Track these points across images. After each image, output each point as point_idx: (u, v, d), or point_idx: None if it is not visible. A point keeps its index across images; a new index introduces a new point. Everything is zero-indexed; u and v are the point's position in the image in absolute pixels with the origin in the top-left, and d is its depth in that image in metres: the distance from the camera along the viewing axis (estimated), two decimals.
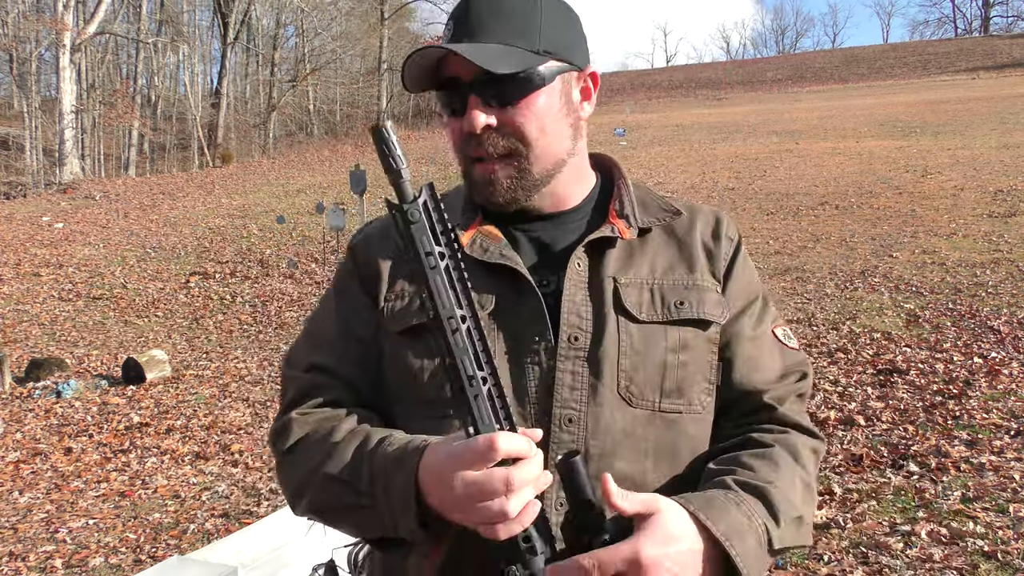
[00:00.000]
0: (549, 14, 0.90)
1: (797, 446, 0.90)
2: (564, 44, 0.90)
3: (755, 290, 1.00)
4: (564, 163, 0.93)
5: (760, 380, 0.94)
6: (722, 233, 0.98)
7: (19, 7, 28.15)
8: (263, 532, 1.75)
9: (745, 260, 1.00)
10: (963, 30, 60.02)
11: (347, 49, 36.50)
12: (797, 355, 0.98)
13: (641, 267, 0.93)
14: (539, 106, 0.88)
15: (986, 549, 3.02)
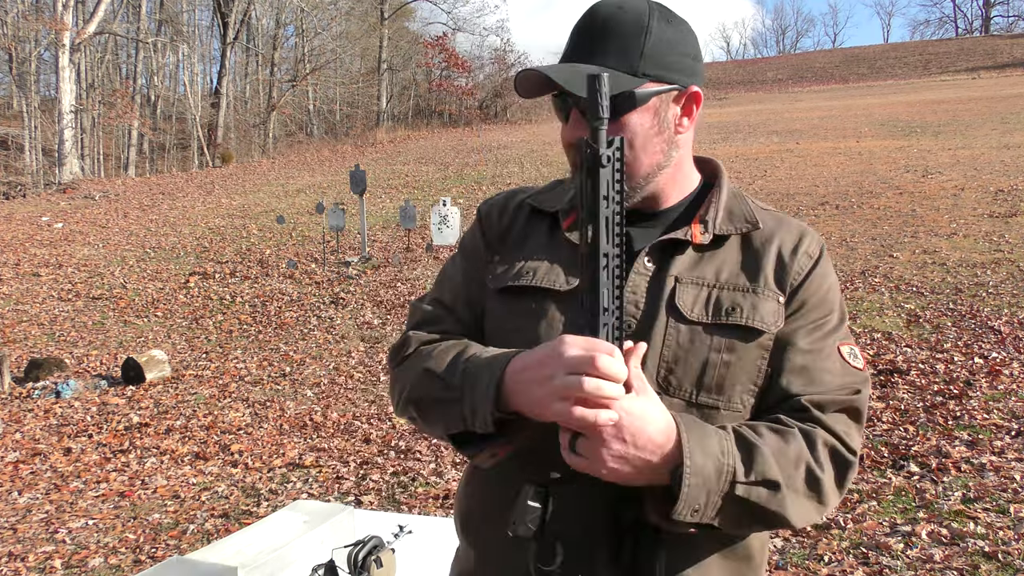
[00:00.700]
0: (656, 36, 0.96)
1: (816, 438, 0.93)
2: (666, 65, 0.97)
3: (827, 307, 1.02)
4: (656, 174, 1.00)
5: (807, 390, 0.97)
6: (801, 249, 1.02)
7: (19, 7, 28.15)
8: (263, 532, 1.74)
9: (823, 277, 1.02)
10: (964, 30, 60.03)
11: (347, 49, 36.49)
12: (858, 374, 0.99)
13: (706, 271, 1.00)
14: (631, 124, 0.96)
15: (987, 550, 3.01)
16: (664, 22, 0.97)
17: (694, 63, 1.01)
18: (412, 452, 4.93)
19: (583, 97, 0.86)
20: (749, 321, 0.96)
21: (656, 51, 0.96)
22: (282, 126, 34.88)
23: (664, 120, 0.99)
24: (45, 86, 32.43)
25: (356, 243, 11.47)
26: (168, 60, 35.12)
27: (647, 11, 0.97)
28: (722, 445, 0.87)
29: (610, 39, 0.96)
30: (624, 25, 0.96)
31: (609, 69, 0.92)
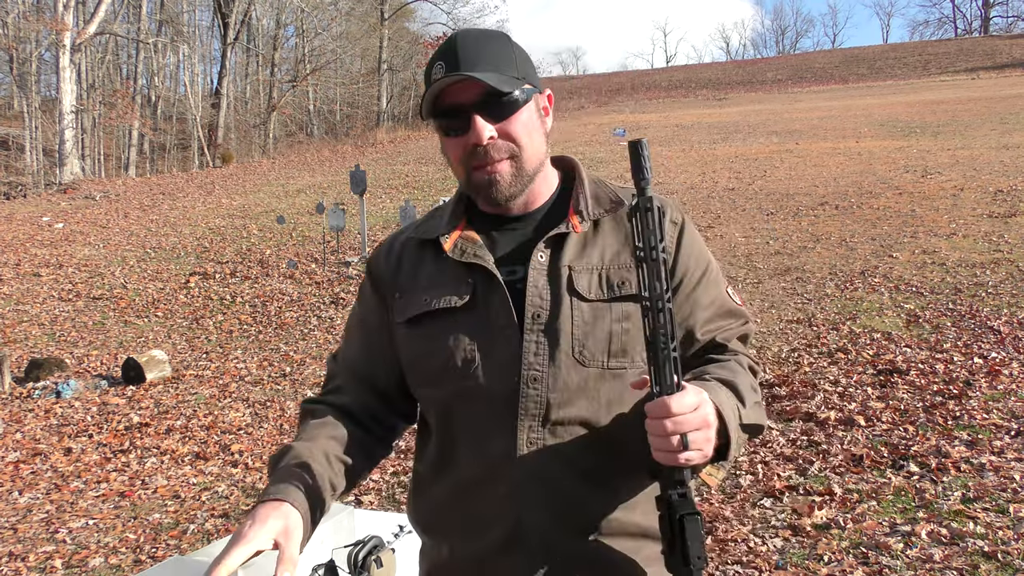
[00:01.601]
0: (517, 51, 1.14)
1: (743, 361, 1.16)
2: (529, 72, 1.14)
3: (704, 261, 1.19)
4: (543, 164, 1.17)
5: (703, 317, 1.16)
6: (666, 219, 1.15)
7: (19, 7, 28.17)
8: None
9: (690, 239, 1.18)
10: (963, 30, 60.01)
11: (347, 49, 36.49)
12: (743, 309, 1.22)
13: (592, 255, 1.13)
14: (524, 119, 1.12)
15: (986, 549, 3.02)
16: (515, 43, 1.15)
17: (537, 74, 1.19)
18: (412, 452, 4.93)
19: (486, 102, 1.07)
20: (633, 290, 1.10)
21: (521, 60, 1.13)
22: (282, 126, 34.88)
23: (541, 116, 1.16)
24: (46, 86, 32.48)
25: (356, 243, 11.48)
26: (168, 60, 35.15)
27: (502, 34, 1.16)
28: (728, 394, 1.06)
29: (488, 54, 1.10)
30: (493, 42, 1.12)
31: (500, 74, 1.09)
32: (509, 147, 1.11)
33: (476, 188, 1.13)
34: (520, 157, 1.11)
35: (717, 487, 3.88)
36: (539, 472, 1.08)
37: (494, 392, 1.09)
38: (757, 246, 9.07)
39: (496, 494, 1.10)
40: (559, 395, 1.08)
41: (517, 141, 1.11)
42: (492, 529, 1.12)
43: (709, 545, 3.30)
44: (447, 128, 1.12)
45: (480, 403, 1.11)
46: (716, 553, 3.23)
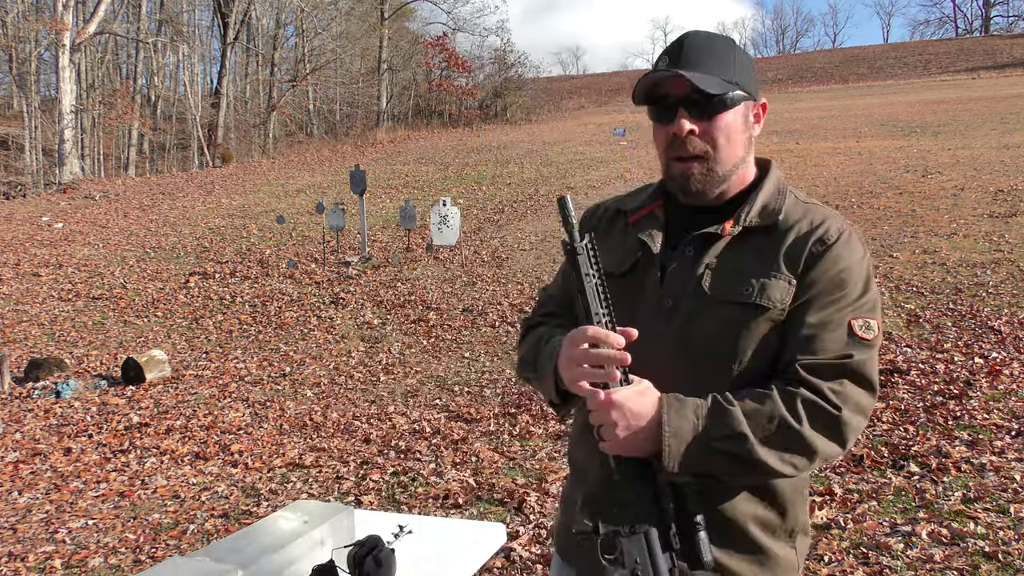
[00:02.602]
0: (739, 56, 1.21)
1: (795, 396, 1.10)
2: (747, 80, 1.21)
3: (842, 286, 1.16)
4: (738, 168, 1.23)
5: (803, 357, 1.13)
6: (814, 236, 1.18)
7: (19, 7, 28.14)
8: (263, 532, 1.74)
9: (836, 260, 1.17)
10: (963, 30, 60.00)
11: (347, 49, 36.46)
12: (860, 343, 1.14)
13: (732, 258, 1.20)
14: (727, 122, 1.19)
15: (987, 550, 3.01)
16: (741, 50, 1.23)
17: (759, 84, 1.26)
18: (412, 452, 4.93)
19: (694, 100, 1.17)
20: (757, 300, 1.15)
21: (740, 67, 1.20)
22: (282, 126, 34.87)
23: (747, 122, 1.23)
24: (45, 86, 32.45)
25: (356, 243, 11.47)
26: (168, 60, 35.13)
27: (729, 39, 1.23)
28: (696, 411, 1.10)
29: (710, 54, 1.19)
30: (718, 45, 1.20)
31: (714, 76, 1.17)
32: (704, 146, 1.19)
33: (671, 178, 1.25)
34: (713, 158, 1.20)
35: None
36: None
37: None
38: None
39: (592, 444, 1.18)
40: (662, 379, 1.16)
41: (714, 141, 1.19)
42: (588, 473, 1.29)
43: None
44: (657, 115, 1.23)
45: None
46: None
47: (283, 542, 1.68)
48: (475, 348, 7.36)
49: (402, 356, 7.42)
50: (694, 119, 1.18)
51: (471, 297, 8.86)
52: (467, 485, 4.24)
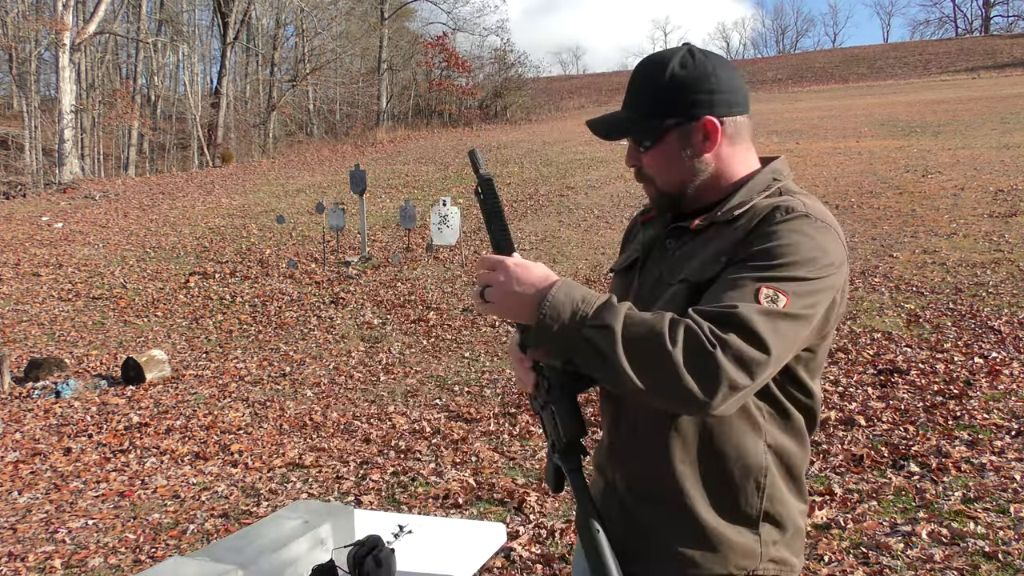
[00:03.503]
0: (675, 78, 1.20)
1: (679, 322, 1.03)
2: (687, 104, 1.20)
3: (767, 256, 1.11)
4: (686, 187, 1.25)
5: (712, 292, 1.12)
6: (766, 216, 1.16)
7: (19, 7, 28.13)
8: (263, 532, 1.74)
9: (772, 235, 1.13)
10: (963, 30, 59.99)
11: (347, 49, 36.44)
12: (755, 305, 1.05)
13: (693, 247, 1.22)
14: (656, 157, 1.23)
15: (987, 550, 3.01)
16: (682, 68, 1.20)
17: (711, 95, 1.21)
18: (412, 452, 4.93)
19: (626, 135, 1.26)
20: (690, 277, 1.18)
21: (675, 95, 1.20)
22: (282, 126, 34.87)
23: (685, 147, 1.22)
24: (45, 86, 32.45)
25: (356, 243, 11.47)
26: (168, 60, 35.12)
27: (669, 62, 1.21)
28: (585, 296, 1.09)
29: (638, 90, 1.24)
30: (649, 73, 1.23)
31: (633, 116, 1.23)
32: (649, 175, 1.27)
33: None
34: (656, 184, 1.27)
35: None
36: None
37: None
38: None
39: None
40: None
41: (650, 174, 1.26)
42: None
43: None
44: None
45: None
46: None
47: (283, 542, 1.68)
48: (475, 348, 7.36)
49: (402, 356, 7.42)
50: (633, 156, 1.27)
51: (471, 297, 8.87)
52: (467, 485, 4.24)
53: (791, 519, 1.27)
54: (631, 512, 1.26)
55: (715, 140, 1.22)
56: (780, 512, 1.24)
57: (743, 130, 1.28)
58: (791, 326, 1.06)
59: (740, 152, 1.27)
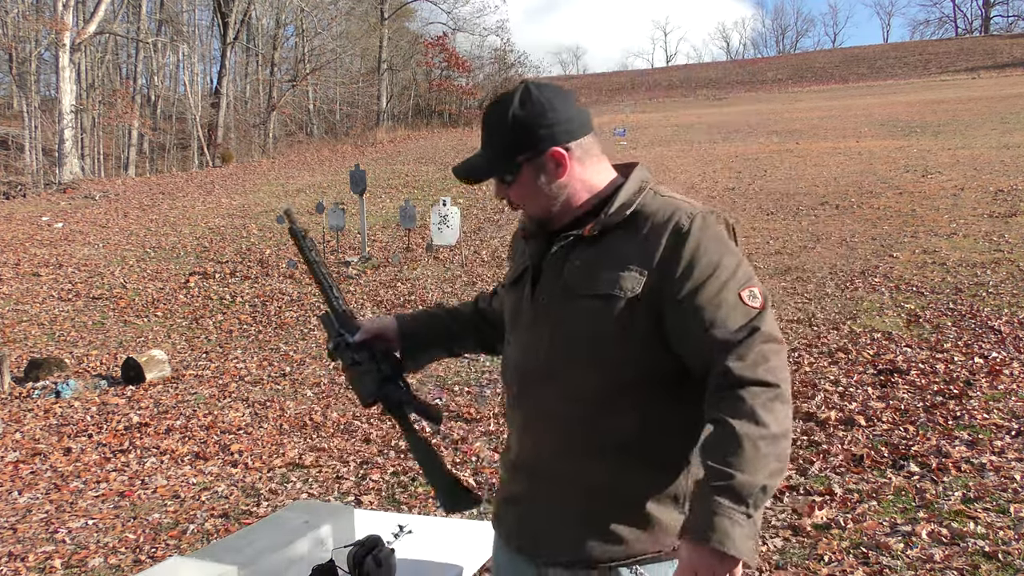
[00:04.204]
0: (516, 124, 1.31)
1: (754, 408, 1.15)
2: (533, 139, 1.31)
3: (712, 265, 1.24)
4: (551, 208, 1.36)
5: (709, 346, 1.21)
6: (670, 227, 1.27)
7: (19, 7, 28.12)
8: (263, 532, 1.74)
9: (696, 244, 1.25)
10: (963, 30, 59.99)
11: (347, 49, 36.45)
12: (753, 311, 1.23)
13: (593, 254, 1.31)
14: (516, 191, 1.36)
15: (987, 550, 3.01)
16: (521, 108, 1.31)
17: (551, 128, 1.31)
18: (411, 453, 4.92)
19: (488, 176, 1.37)
20: (610, 290, 1.26)
21: (521, 134, 1.31)
22: (282, 126, 34.87)
23: (540, 176, 1.34)
24: (45, 86, 32.44)
25: (356, 243, 11.47)
26: (168, 60, 35.13)
27: (510, 105, 1.32)
28: (726, 515, 1.14)
29: (487, 131, 1.35)
30: (495, 117, 1.34)
31: (490, 157, 1.35)
32: (517, 203, 1.39)
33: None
34: (526, 211, 1.40)
35: None
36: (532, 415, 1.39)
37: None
38: (757, 246, 9.06)
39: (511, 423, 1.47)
40: (536, 380, 1.36)
41: (517, 203, 1.39)
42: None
43: None
44: None
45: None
46: None
47: (283, 542, 1.68)
48: None
49: None
50: (500, 188, 1.39)
51: (471, 297, 8.87)
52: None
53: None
54: (556, 505, 1.34)
55: (566, 165, 1.33)
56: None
57: (590, 148, 1.36)
58: (769, 305, 1.26)
59: (592, 167, 1.37)
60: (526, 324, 1.38)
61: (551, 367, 1.32)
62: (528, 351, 1.36)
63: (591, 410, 1.29)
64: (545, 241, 1.39)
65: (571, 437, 1.31)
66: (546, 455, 1.34)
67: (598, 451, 1.29)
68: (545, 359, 1.32)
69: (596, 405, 1.29)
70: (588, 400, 1.29)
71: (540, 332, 1.34)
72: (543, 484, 1.35)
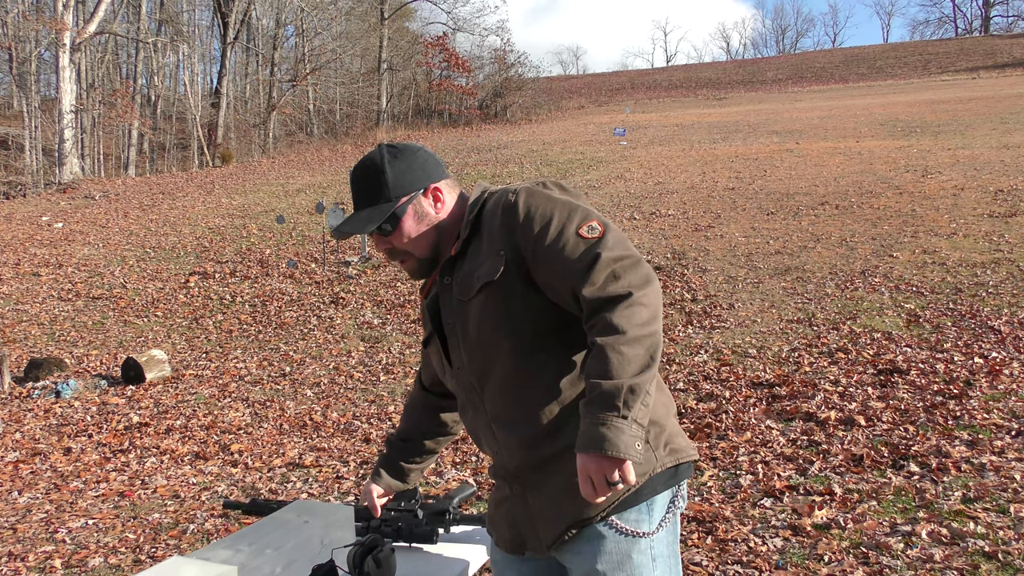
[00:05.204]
0: (393, 170, 1.48)
1: (610, 319, 1.27)
2: (409, 183, 1.49)
3: (544, 219, 1.39)
4: (436, 242, 1.52)
5: (568, 286, 1.34)
6: (499, 209, 1.44)
7: (19, 7, 28.11)
8: (263, 532, 1.74)
9: (524, 210, 1.41)
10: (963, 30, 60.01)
11: (347, 49, 36.43)
12: (591, 240, 1.35)
13: (464, 267, 1.48)
14: (402, 230, 1.49)
15: (987, 549, 3.01)
16: (391, 158, 1.49)
17: (423, 171, 1.51)
18: None
19: (375, 223, 1.46)
20: (485, 280, 1.41)
21: (397, 178, 1.48)
22: (282, 126, 34.86)
23: (421, 215, 1.50)
24: (45, 86, 32.44)
25: (356, 243, 11.47)
26: (168, 60, 35.12)
27: (379, 158, 1.49)
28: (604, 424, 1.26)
29: (364, 191, 1.49)
30: (369, 174, 1.49)
31: (372, 207, 1.47)
32: (402, 250, 1.51)
33: (407, 274, 1.57)
34: (413, 254, 1.51)
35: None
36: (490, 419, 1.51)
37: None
38: (757, 246, 9.06)
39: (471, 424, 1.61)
40: (471, 375, 1.49)
41: (402, 248, 1.50)
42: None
43: (709, 545, 3.30)
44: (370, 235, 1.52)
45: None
46: (716, 553, 3.23)
47: (283, 542, 1.68)
48: None
49: (402, 356, 7.42)
50: (383, 241, 1.50)
51: None
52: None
53: (658, 416, 1.46)
54: (537, 492, 1.46)
55: (442, 199, 1.51)
56: (654, 414, 1.43)
57: (451, 183, 1.55)
58: (617, 232, 1.37)
59: (455, 198, 1.55)
60: (447, 362, 1.54)
61: (481, 368, 1.45)
62: (460, 372, 1.51)
63: (527, 386, 1.42)
64: (436, 289, 1.56)
65: (524, 419, 1.43)
66: (516, 449, 1.45)
67: (550, 420, 1.41)
68: (473, 366, 1.46)
69: (527, 379, 1.42)
70: (520, 378, 1.42)
71: (459, 351, 1.49)
72: (522, 477, 1.47)
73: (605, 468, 1.23)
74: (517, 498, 1.49)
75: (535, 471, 1.45)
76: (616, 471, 1.23)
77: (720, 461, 4.23)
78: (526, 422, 1.43)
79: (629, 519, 1.39)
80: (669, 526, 1.43)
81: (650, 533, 1.39)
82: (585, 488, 1.26)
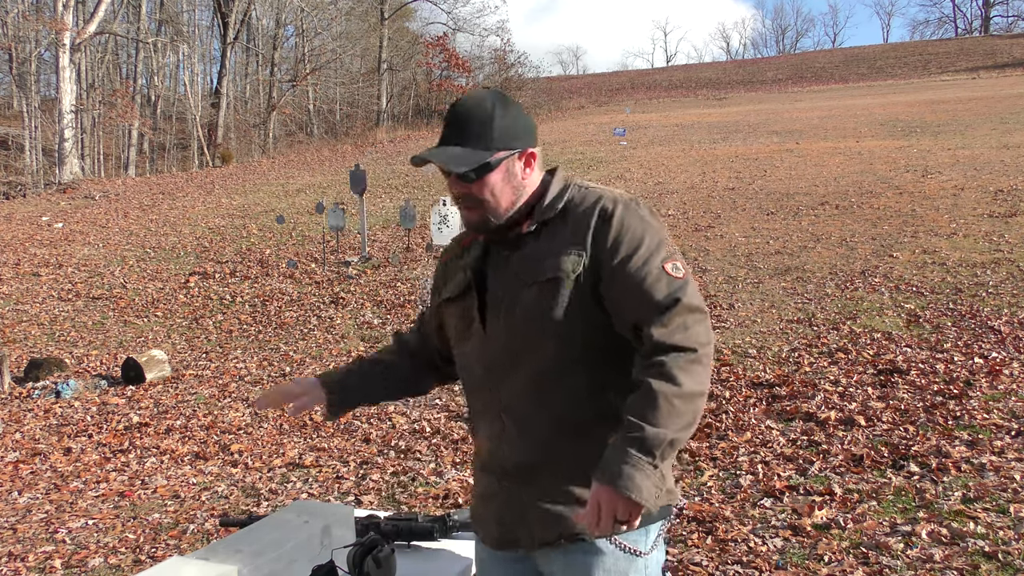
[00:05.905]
0: (499, 120, 1.43)
1: (661, 374, 1.29)
2: (511, 137, 1.44)
3: (637, 240, 1.39)
4: (511, 208, 1.47)
5: (636, 315, 1.35)
6: (596, 210, 1.42)
7: (19, 7, 28.10)
8: (263, 532, 1.74)
9: (620, 222, 1.40)
10: (963, 30, 60.00)
11: (347, 49, 36.43)
12: (677, 281, 1.36)
13: (533, 247, 1.45)
14: (487, 183, 1.44)
15: (987, 549, 3.01)
16: (502, 108, 1.44)
17: (526, 132, 1.47)
18: (412, 452, 4.93)
19: (468, 166, 1.41)
20: (552, 274, 1.40)
21: (501, 130, 1.43)
22: (282, 126, 34.86)
23: (511, 175, 1.46)
24: (45, 86, 32.44)
25: (356, 243, 11.47)
26: (168, 60, 35.11)
27: (491, 103, 1.43)
28: (631, 464, 1.29)
29: (467, 128, 1.42)
30: (477, 116, 1.42)
31: (467, 148, 1.41)
32: (476, 200, 1.44)
33: (463, 221, 1.51)
34: (485, 208, 1.45)
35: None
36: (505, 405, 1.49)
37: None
38: (757, 246, 9.06)
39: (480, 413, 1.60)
40: (497, 373, 1.47)
41: (480, 200, 1.44)
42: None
43: (709, 545, 3.30)
44: (444, 174, 1.47)
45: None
46: (716, 553, 3.23)
47: (283, 542, 1.68)
48: None
49: None
50: (462, 184, 1.43)
51: None
52: (467, 485, 4.24)
53: None
54: (534, 491, 1.46)
55: (532, 167, 1.48)
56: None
57: (540, 155, 1.52)
58: (693, 279, 1.39)
59: (540, 173, 1.53)
60: (480, 327, 1.48)
61: (514, 353, 1.43)
62: (488, 345, 1.47)
63: (554, 389, 1.42)
64: (481, 249, 1.52)
65: (540, 418, 1.43)
66: (520, 444, 1.44)
67: (565, 428, 1.41)
68: (506, 347, 1.44)
69: (557, 382, 1.41)
70: (551, 379, 1.42)
71: (497, 325, 1.45)
72: (519, 474, 1.45)
73: (619, 506, 1.26)
74: (507, 495, 1.48)
75: (535, 472, 1.44)
76: (628, 513, 1.27)
77: (720, 461, 4.23)
78: (540, 423, 1.43)
79: (630, 538, 1.41)
80: (658, 551, 1.47)
81: (646, 553, 1.43)
82: (590, 516, 1.28)
